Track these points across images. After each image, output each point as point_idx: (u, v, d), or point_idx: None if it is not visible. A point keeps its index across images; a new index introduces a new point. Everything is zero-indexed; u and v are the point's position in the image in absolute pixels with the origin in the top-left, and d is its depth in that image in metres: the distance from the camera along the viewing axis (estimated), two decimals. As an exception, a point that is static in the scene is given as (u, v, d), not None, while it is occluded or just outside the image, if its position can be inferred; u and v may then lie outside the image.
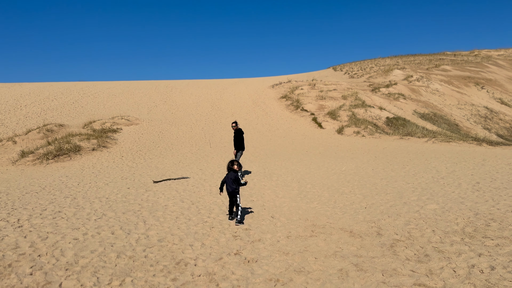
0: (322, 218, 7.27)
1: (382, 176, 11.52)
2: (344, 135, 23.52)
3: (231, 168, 7.45)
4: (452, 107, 34.77)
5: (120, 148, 20.25)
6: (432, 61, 46.74)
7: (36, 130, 23.22)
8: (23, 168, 16.63)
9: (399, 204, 8.12)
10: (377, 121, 26.50)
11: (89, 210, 8.61)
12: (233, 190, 7.26)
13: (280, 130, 25.37)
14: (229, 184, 7.29)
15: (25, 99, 32.46)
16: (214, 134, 23.94)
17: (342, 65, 52.10)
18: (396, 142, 21.09)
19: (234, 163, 7.48)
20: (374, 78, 39.57)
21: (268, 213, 7.87)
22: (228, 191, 7.32)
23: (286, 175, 12.52)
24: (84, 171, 15.14)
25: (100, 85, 40.61)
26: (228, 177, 7.35)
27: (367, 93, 33.01)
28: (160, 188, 11.04)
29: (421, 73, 40.02)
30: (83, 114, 29.18)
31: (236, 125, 12.79)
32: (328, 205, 8.27)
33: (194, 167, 14.84)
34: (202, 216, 7.74)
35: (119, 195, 10.13)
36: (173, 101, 33.93)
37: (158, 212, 8.16)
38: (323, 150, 18.78)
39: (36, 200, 9.93)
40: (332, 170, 13.12)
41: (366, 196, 8.94)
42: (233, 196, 7.32)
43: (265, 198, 9.32)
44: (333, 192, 9.55)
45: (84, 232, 6.85)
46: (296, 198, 9.08)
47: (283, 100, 32.76)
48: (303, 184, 10.78)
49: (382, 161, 14.70)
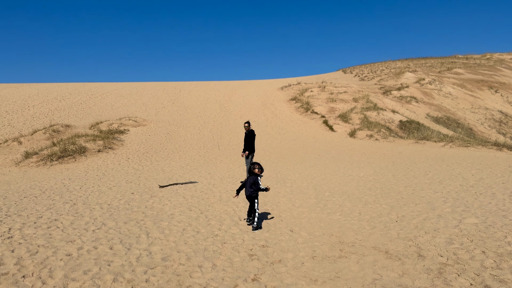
0: (348, 233, 6.31)
1: (406, 183, 10.52)
2: (356, 138, 22.49)
3: (252, 171, 6.88)
4: (466, 111, 33.55)
5: (126, 149, 19.44)
6: (444, 64, 45.44)
7: (42, 130, 22.51)
8: (26, 169, 15.86)
9: (433, 216, 7.13)
10: (390, 124, 25.43)
11: (88, 218, 7.73)
12: (249, 194, 6.77)
13: (290, 133, 24.41)
14: (247, 187, 6.83)
15: (33, 99, 31.87)
16: (222, 136, 23.05)
17: (352, 68, 50.95)
18: (412, 147, 20.03)
19: (255, 166, 6.90)
20: (385, 81, 38.43)
21: (286, 225, 6.92)
22: (246, 195, 6.84)
23: (301, 180, 11.56)
24: (88, 173, 14.32)
25: (109, 86, 39.97)
26: (248, 180, 6.87)
27: (379, 96, 31.93)
28: (166, 193, 10.14)
29: (433, 76, 38.82)
30: (90, 115, 28.47)
31: (249, 126, 11.90)
32: (353, 217, 7.29)
33: (202, 171, 13.94)
34: (212, 228, 6.82)
35: (122, 201, 9.25)
36: (181, 103, 33.13)
37: (163, 223, 7.25)
38: (336, 154, 17.80)
39: (33, 205, 9.08)
40: (349, 175, 12.13)
41: (394, 207, 7.95)
42: (250, 200, 6.85)
43: (280, 207, 8.37)
44: (355, 201, 8.57)
45: (79, 246, 5.96)
46: (315, 208, 8.12)
47: (292, 102, 31.79)
48: (321, 191, 9.81)
49: (402, 166, 13.68)
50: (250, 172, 6.94)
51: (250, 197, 6.80)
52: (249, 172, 6.97)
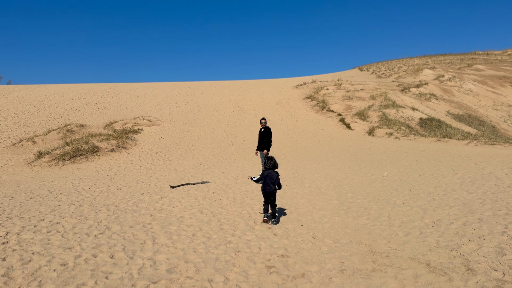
0: (380, 241, 5.48)
1: (435, 184, 9.59)
2: (375, 136, 21.48)
3: (274, 166, 6.63)
4: (488, 108, 32.07)
5: (139, 149, 18.91)
6: (463, 61, 43.76)
7: (56, 130, 22.18)
8: (38, 169, 15.45)
9: (473, 221, 6.23)
10: (410, 122, 24.31)
11: (92, 221, 7.08)
12: (272, 191, 6.53)
13: (306, 131, 23.54)
14: (268, 183, 6.52)
15: (49, 100, 31.77)
16: (236, 135, 22.33)
17: (369, 65, 49.57)
18: (434, 145, 18.94)
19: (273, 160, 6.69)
20: (403, 78, 37.11)
21: (307, 230, 6.13)
22: (266, 191, 6.54)
23: (320, 180, 10.74)
24: (99, 173, 13.79)
25: (124, 86, 39.75)
26: (270, 176, 6.55)
27: (397, 93, 30.76)
28: (177, 194, 9.46)
29: (453, 73, 37.33)
30: (105, 115, 28.14)
31: (266, 122, 11.24)
32: (382, 222, 6.45)
33: (215, 170, 13.23)
34: (224, 234, 6.07)
35: (130, 203, 8.59)
36: (195, 102, 32.58)
37: (171, 227, 6.54)
38: (354, 153, 16.87)
39: (38, 207, 8.51)
40: (372, 175, 11.25)
41: (426, 210, 7.07)
42: (271, 196, 6.57)
43: (300, 209, 7.57)
44: (382, 204, 7.72)
45: (77, 254, 5.29)
46: (338, 211, 7.29)
47: (308, 101, 30.88)
48: (343, 193, 8.98)
49: (427, 165, 12.71)
50: (272, 167, 6.61)
51: (271, 194, 6.52)
52: (271, 167, 6.62)
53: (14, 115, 27.17)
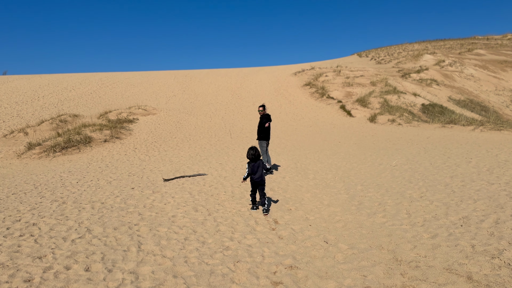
0: (404, 245, 4.59)
1: (450, 173, 8.70)
2: (377, 123, 20.55)
3: (259, 156, 6.46)
4: (489, 93, 31.11)
5: (134, 139, 17.94)
6: (464, 46, 42.58)
7: (49, 121, 21.15)
8: (28, 161, 14.50)
9: (507, 218, 5.35)
10: (412, 108, 23.37)
11: (73, 222, 6.18)
12: (262, 180, 6.41)
13: (306, 119, 22.59)
14: (261, 173, 6.38)
15: (43, 89, 30.63)
16: (234, 124, 21.37)
17: (368, 51, 48.26)
18: (439, 131, 18.04)
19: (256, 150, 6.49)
20: (403, 63, 35.99)
21: (317, 232, 5.24)
22: (256, 181, 6.38)
23: (324, 171, 9.84)
24: (90, 165, 12.86)
25: (119, 76, 38.54)
26: (259, 165, 6.40)
27: (397, 79, 29.72)
28: (171, 188, 8.56)
29: (453, 58, 36.23)
30: (100, 105, 27.07)
31: (264, 109, 10.13)
32: (401, 220, 5.56)
33: (212, 161, 12.32)
34: (222, 237, 5.18)
35: (118, 199, 7.69)
36: (192, 91, 31.49)
37: (161, 228, 5.65)
38: (357, 140, 15.97)
39: (17, 204, 7.60)
40: (380, 164, 10.36)
41: (449, 205, 6.18)
42: (262, 185, 6.43)
43: (306, 205, 6.68)
44: (397, 198, 6.83)
45: (47, 266, 4.40)
46: (349, 207, 6.40)
47: (307, 88, 29.83)
48: (351, 185, 8.08)
49: (436, 153, 11.82)
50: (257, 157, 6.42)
51: (261, 182, 6.39)
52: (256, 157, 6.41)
53: (7, 105, 26.08)
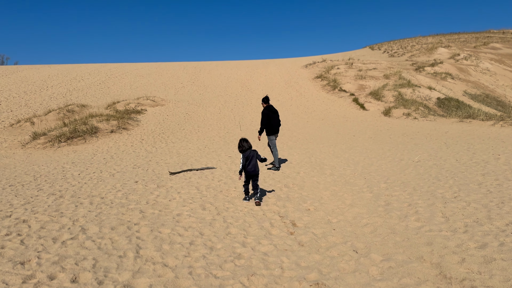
0: (449, 257, 3.80)
1: (480, 171, 7.85)
2: (392, 117, 19.61)
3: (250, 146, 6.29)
4: (506, 88, 29.85)
5: (141, 130, 17.29)
6: (479, 39, 41.05)
7: (57, 110, 20.58)
8: (32, 151, 13.93)
9: None
10: (427, 102, 22.34)
11: (67, 219, 5.50)
12: (257, 171, 6.24)
13: (317, 112, 21.72)
14: (253, 163, 6.19)
15: (52, 80, 30.13)
16: (244, 116, 20.60)
17: (380, 44, 46.83)
18: (457, 126, 17.06)
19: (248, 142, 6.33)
20: (417, 56, 34.74)
21: (343, 239, 4.47)
22: (250, 173, 6.18)
23: (342, 166, 9.04)
24: (95, 156, 12.23)
25: (128, 66, 37.91)
26: (254, 155, 6.26)
27: (411, 73, 28.62)
28: (177, 182, 7.85)
29: (469, 52, 34.88)
30: (108, 95, 26.47)
31: (264, 102, 8.95)
32: (439, 225, 4.76)
33: (221, 154, 11.59)
34: (232, 242, 4.45)
35: (120, 194, 7.00)
36: (201, 82, 30.73)
37: (164, 229, 4.93)
38: (373, 134, 15.10)
39: (12, 198, 6.96)
40: (401, 160, 9.53)
41: (489, 208, 5.36)
42: (256, 175, 6.24)
43: (326, 205, 5.91)
44: (428, 197, 6.02)
45: (28, 274, 3.71)
46: (376, 208, 5.61)
47: (318, 80, 28.87)
48: (374, 182, 7.28)
49: (459, 148, 10.94)
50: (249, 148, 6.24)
51: (255, 173, 6.20)
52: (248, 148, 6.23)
53: (16, 95, 25.62)
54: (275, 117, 9.07)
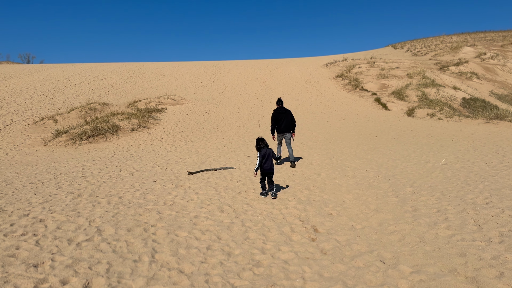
0: (486, 270, 3.47)
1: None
2: (416, 117, 18.99)
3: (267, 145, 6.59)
4: (536, 88, 28.54)
5: (161, 128, 17.31)
6: (506, 38, 39.45)
7: (79, 108, 20.86)
8: (54, 149, 14.10)
9: None
10: (452, 102, 21.55)
11: (84, 220, 5.40)
12: (273, 168, 6.50)
13: (338, 112, 21.27)
14: (270, 162, 6.47)
15: (75, 78, 30.66)
16: (263, 116, 20.37)
17: (403, 43, 45.63)
18: (484, 127, 16.35)
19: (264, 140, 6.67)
20: (441, 56, 33.68)
21: (369, 247, 4.18)
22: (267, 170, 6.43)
23: (365, 168, 8.69)
24: (115, 154, 12.25)
25: (150, 65, 38.27)
26: (270, 153, 6.52)
27: (435, 72, 27.73)
28: (195, 182, 7.69)
29: (495, 51, 33.57)
30: (130, 94, 26.72)
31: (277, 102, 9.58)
32: (472, 234, 4.41)
33: (240, 153, 11.40)
34: (251, 248, 4.23)
35: (138, 193, 6.89)
36: (221, 81, 30.68)
37: (181, 232, 4.76)
38: (396, 135, 14.61)
39: (31, 196, 6.95)
40: (427, 162, 9.09)
41: (528, 216, 4.95)
42: (271, 173, 6.48)
43: (349, 210, 5.61)
44: (458, 203, 5.64)
45: (40, 278, 3.58)
46: (402, 214, 5.28)
47: (339, 80, 28.35)
48: (399, 186, 6.92)
49: (487, 151, 10.39)
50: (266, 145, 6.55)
51: (271, 171, 6.45)
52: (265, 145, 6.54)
53: (40, 93, 26.16)
54: (282, 117, 9.31)
